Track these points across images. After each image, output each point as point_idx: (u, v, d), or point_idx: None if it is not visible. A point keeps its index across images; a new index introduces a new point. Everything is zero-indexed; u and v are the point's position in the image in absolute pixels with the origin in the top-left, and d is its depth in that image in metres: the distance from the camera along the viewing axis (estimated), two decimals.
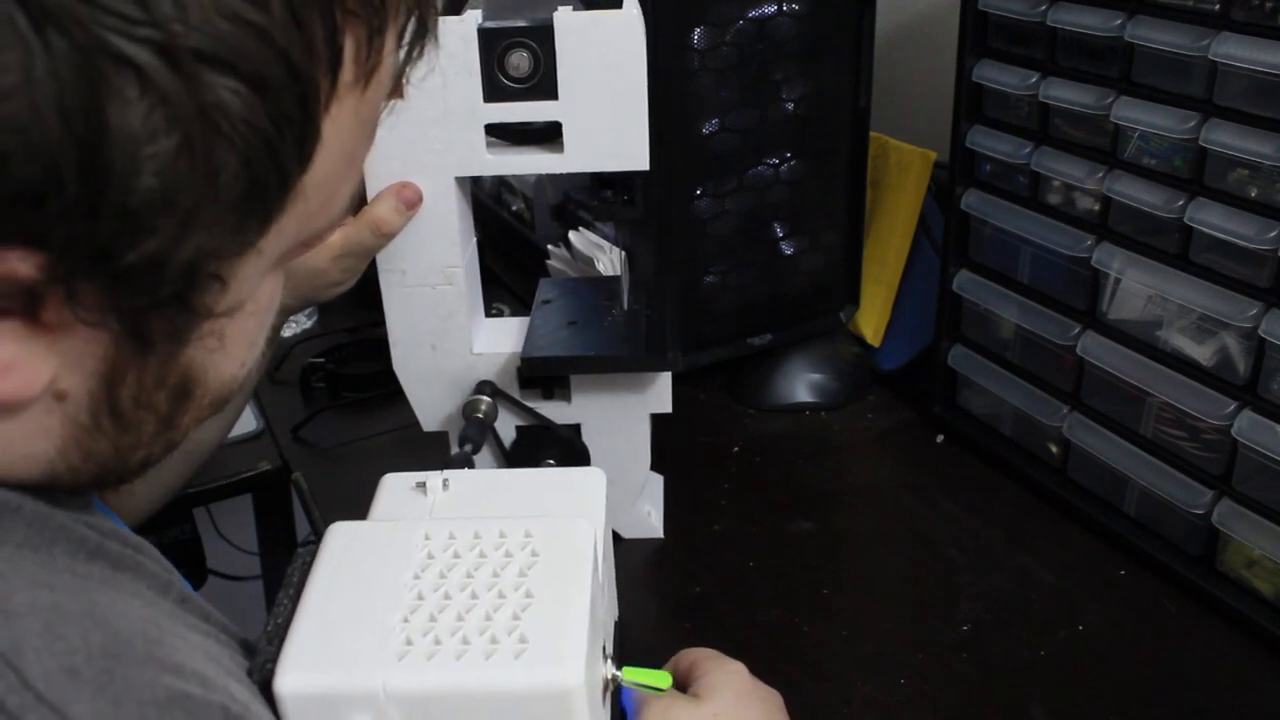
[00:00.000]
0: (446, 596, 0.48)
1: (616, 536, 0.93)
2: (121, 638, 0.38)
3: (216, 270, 0.38)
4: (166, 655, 0.39)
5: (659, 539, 0.94)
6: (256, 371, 0.83)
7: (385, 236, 0.78)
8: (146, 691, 0.37)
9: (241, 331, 0.42)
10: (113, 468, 0.43)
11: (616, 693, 0.55)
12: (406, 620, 0.47)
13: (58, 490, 0.43)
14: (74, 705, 0.35)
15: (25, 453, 0.40)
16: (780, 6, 0.99)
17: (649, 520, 0.94)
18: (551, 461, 0.87)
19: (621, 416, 0.87)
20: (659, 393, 0.86)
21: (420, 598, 0.48)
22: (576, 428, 0.87)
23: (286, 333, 1.30)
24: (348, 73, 0.38)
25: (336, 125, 0.38)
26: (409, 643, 0.46)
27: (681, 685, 0.61)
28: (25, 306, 0.36)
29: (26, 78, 0.31)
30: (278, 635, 0.47)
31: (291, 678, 0.45)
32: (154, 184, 0.33)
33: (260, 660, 0.46)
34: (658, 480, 0.97)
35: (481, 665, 0.45)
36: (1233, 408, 0.78)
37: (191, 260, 0.36)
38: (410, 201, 0.78)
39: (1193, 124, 0.76)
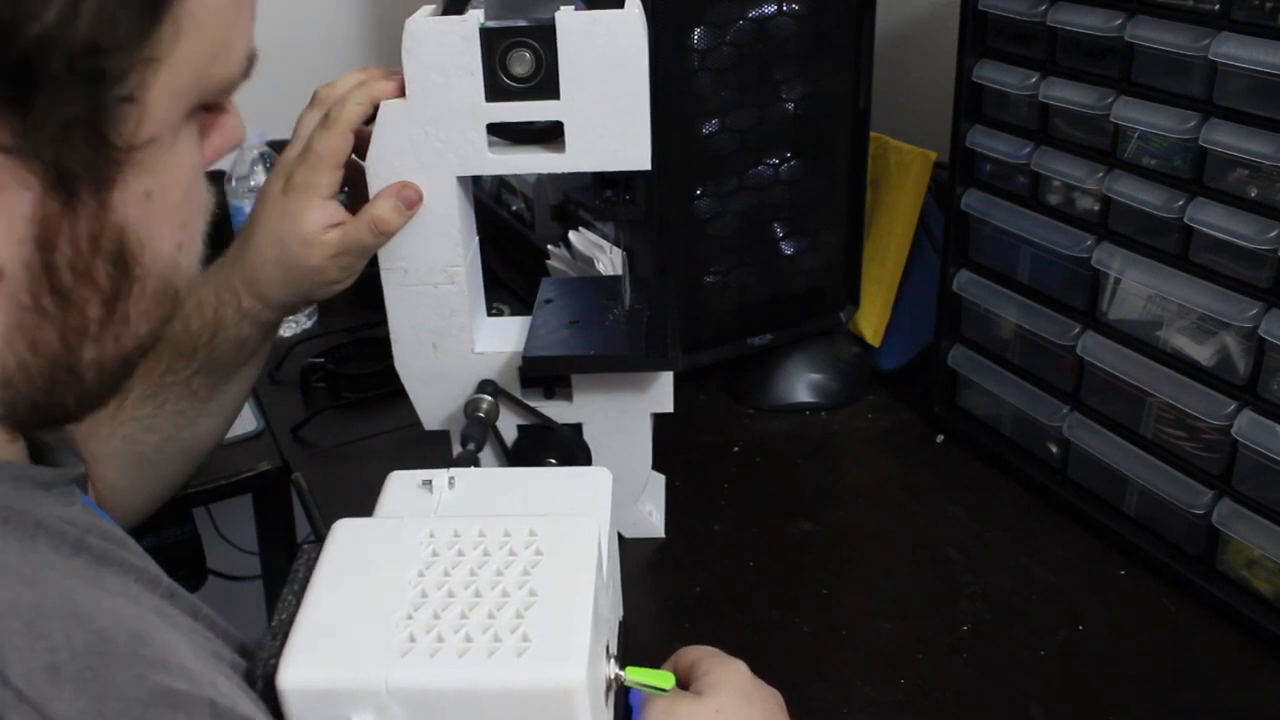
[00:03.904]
0: (450, 594, 0.48)
1: (618, 536, 0.93)
2: (105, 636, 0.38)
3: (121, 85, 0.38)
4: (152, 652, 0.39)
5: (659, 539, 0.94)
6: (258, 367, 0.83)
7: (384, 235, 0.78)
8: (130, 689, 0.37)
9: (168, 191, 0.43)
10: (63, 364, 0.43)
11: (621, 692, 0.55)
12: (410, 617, 0.47)
13: (16, 408, 0.43)
14: (55, 704, 0.35)
15: None
16: (780, 6, 0.99)
17: (650, 520, 0.94)
18: (553, 461, 0.87)
19: (623, 416, 0.87)
20: (660, 392, 0.86)
21: (424, 595, 0.48)
22: (578, 427, 0.87)
23: (286, 333, 1.30)
24: None
25: None
26: (412, 639, 0.46)
27: (683, 683, 0.61)
28: None
29: None
30: (282, 631, 0.47)
31: (295, 673, 0.45)
32: None
33: (264, 656, 0.46)
34: (659, 480, 0.97)
35: (484, 663, 0.45)
36: (1233, 408, 0.78)
37: (87, 44, 0.36)
38: (410, 201, 0.78)
39: (1192, 124, 0.77)
